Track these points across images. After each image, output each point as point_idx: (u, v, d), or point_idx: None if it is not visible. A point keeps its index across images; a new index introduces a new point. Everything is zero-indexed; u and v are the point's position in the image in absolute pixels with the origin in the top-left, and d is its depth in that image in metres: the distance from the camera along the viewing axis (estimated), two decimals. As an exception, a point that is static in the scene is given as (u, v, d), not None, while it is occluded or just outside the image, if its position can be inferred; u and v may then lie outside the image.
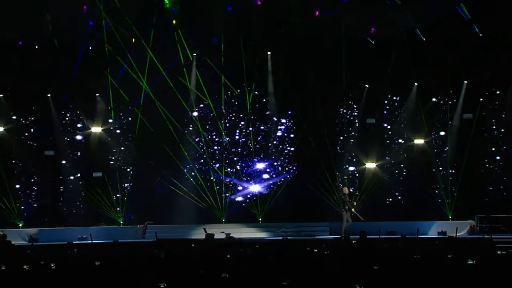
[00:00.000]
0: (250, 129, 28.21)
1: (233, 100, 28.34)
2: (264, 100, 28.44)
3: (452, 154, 28.04)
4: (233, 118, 28.46)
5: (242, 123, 28.35)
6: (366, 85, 28.24)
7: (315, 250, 14.40)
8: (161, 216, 26.63)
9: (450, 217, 27.26)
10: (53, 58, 26.12)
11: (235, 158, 28.12)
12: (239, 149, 28.19)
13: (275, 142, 28.48)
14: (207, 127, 28.24)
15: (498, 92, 27.98)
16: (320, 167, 27.50)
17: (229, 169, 28.03)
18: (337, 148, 28.47)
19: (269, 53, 27.87)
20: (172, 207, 27.15)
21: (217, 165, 28.06)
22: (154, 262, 11.94)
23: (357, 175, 28.52)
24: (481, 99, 27.71)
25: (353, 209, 24.04)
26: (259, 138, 28.54)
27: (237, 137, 28.35)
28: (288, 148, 28.49)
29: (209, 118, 28.19)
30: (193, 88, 27.60)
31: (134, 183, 27.49)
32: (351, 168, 28.56)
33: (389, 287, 9.43)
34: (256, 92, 28.15)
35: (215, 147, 28.14)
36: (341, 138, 28.46)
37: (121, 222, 27.06)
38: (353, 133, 28.64)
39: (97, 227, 25.70)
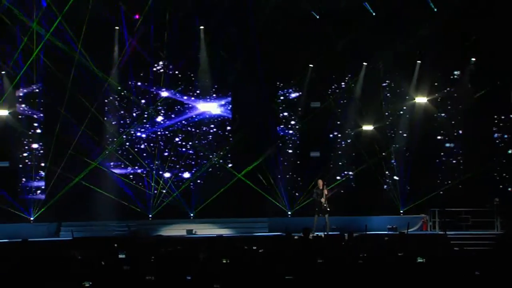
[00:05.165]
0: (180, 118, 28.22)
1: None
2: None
3: (405, 142, 28.67)
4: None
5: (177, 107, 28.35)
6: (311, 65, 28.46)
7: (254, 248, 14.59)
8: (79, 213, 26.38)
9: (401, 211, 27.90)
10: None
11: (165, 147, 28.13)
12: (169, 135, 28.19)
13: (204, 128, 28.49)
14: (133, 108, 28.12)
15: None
16: (258, 157, 27.76)
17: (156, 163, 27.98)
18: (276, 134, 28.64)
19: (201, 27, 27.80)
20: (91, 203, 26.81)
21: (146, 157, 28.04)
22: (70, 262, 11.88)
23: (299, 165, 28.78)
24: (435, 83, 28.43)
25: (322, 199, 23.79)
26: (185, 122, 28.48)
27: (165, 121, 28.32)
28: (220, 133, 28.55)
29: (131, 103, 28.05)
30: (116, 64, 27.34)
31: (49, 175, 26.90)
32: (294, 158, 28.82)
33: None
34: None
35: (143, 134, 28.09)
36: (282, 123, 28.71)
37: (32, 219, 26.60)
38: (294, 118, 28.86)
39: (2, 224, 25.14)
